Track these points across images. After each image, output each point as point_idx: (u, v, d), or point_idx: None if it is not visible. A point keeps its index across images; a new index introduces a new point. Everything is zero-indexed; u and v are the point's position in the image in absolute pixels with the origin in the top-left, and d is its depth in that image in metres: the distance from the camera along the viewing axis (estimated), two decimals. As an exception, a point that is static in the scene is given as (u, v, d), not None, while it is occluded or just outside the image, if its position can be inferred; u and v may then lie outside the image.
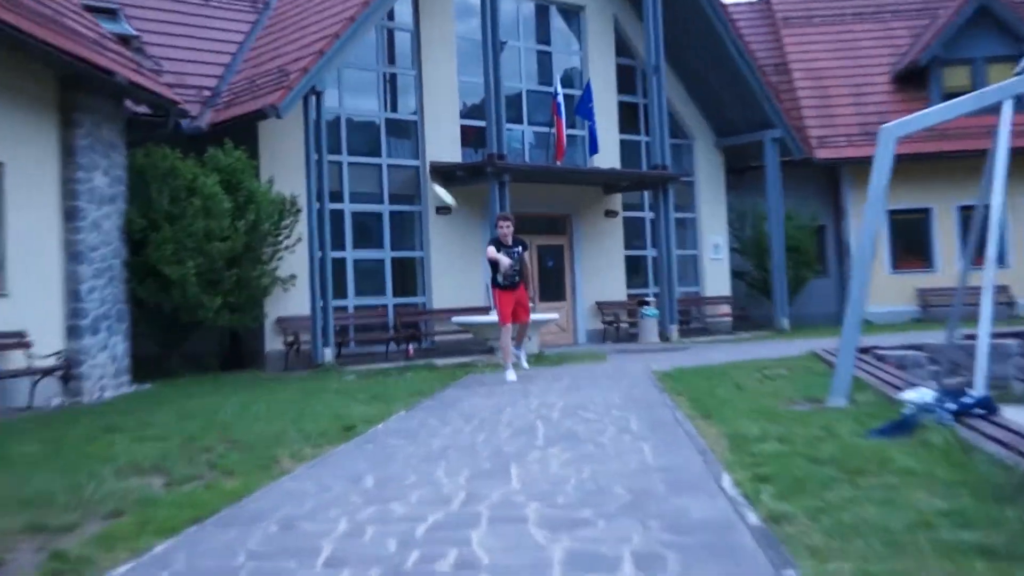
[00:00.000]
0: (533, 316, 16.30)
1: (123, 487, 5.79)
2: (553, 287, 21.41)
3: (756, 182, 24.39)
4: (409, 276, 19.14)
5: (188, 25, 19.77)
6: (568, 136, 20.60)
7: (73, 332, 12.53)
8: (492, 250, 12.26)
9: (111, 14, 18.11)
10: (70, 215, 12.65)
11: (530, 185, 20.00)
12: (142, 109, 15.21)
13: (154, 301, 14.80)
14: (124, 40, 16.91)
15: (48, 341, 12.07)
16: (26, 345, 11.52)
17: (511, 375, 12.22)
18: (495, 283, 12.52)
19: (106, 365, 13.12)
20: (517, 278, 12.47)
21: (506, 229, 12.46)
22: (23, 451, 7.36)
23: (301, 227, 16.57)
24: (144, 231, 14.32)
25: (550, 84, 20.92)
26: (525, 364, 13.02)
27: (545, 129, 20.82)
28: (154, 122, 15.09)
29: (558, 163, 20.07)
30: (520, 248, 12.52)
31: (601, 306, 21.45)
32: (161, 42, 18.87)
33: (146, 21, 19.13)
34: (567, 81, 21.63)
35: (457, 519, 4.86)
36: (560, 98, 19.93)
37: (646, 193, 22.69)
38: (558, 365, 14.98)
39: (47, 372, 11.60)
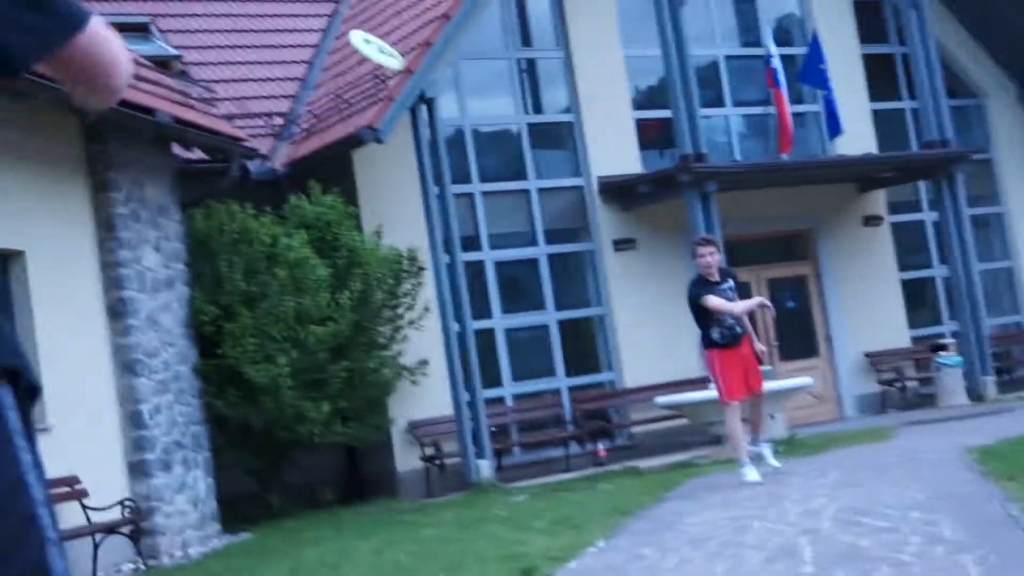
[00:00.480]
0: (771, 384, 16.21)
1: None
2: (798, 339, 21.14)
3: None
4: (586, 344, 19.31)
5: (244, 32, 20.63)
6: (794, 115, 20.48)
7: (138, 471, 13.13)
8: (711, 299, 12.07)
9: (141, 31, 19.10)
10: (116, 310, 13.33)
11: (746, 193, 19.92)
12: (195, 154, 15.94)
13: (240, 416, 15.30)
14: (162, 64, 17.80)
15: (107, 486, 12.68)
16: (79, 495, 12.14)
17: (751, 474, 12.09)
18: (709, 342, 12.48)
19: (187, 512, 13.67)
20: (739, 328, 12.42)
21: (709, 258, 12.40)
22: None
23: (427, 292, 16.94)
24: (216, 322, 14.91)
25: (758, 44, 20.89)
26: (771, 459, 12.87)
27: (759, 110, 20.76)
28: (213, 170, 15.76)
29: (784, 156, 19.96)
30: (731, 283, 12.44)
31: (873, 359, 21.09)
32: (210, 59, 19.76)
33: (187, 34, 20.09)
34: (782, 36, 21.56)
35: None
36: (776, 62, 19.86)
37: (922, 185, 22.25)
38: (820, 452, 14.78)
39: (111, 529, 12.17)
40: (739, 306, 12.27)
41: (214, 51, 20.02)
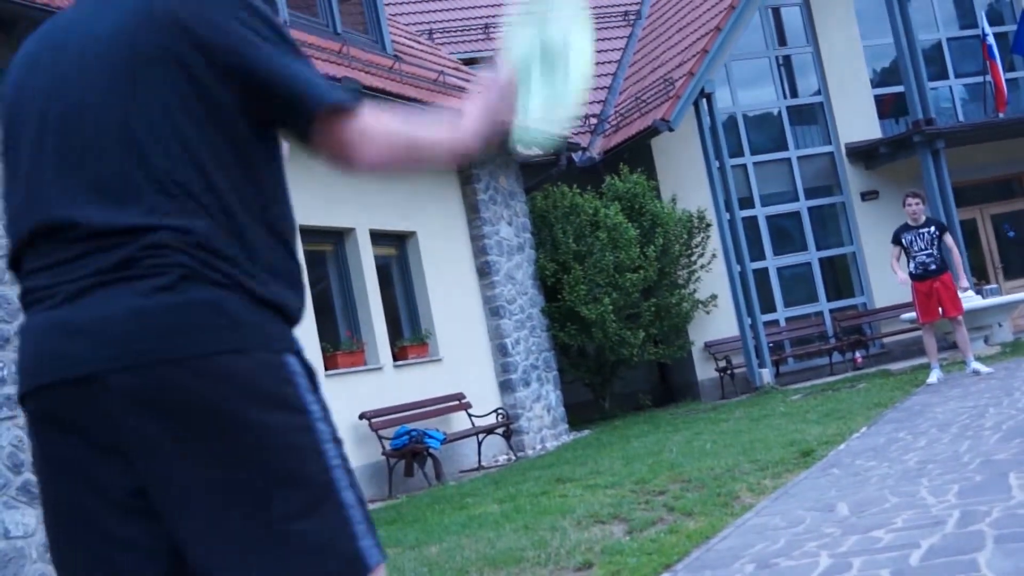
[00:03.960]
0: (997, 299, 15.28)
1: (586, 538, 6.21)
2: (1020, 261, 19.82)
3: None
4: (842, 276, 18.66)
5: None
6: (1008, 81, 19.09)
7: (506, 387, 13.60)
8: (895, 249, 12.26)
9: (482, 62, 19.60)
10: (483, 270, 13.79)
11: (969, 148, 18.75)
12: (532, 150, 16.24)
13: (577, 344, 15.62)
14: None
15: (485, 399, 13.20)
16: (466, 406, 12.67)
17: (933, 376, 12.03)
18: (909, 273, 12.31)
19: (543, 416, 14.07)
20: (933, 266, 12.16)
21: (915, 206, 12.26)
22: (484, 511, 8.11)
23: (714, 242, 16.79)
24: (556, 275, 15.22)
25: (974, 26, 19.58)
26: (975, 366, 12.28)
27: (977, 79, 19.48)
28: (547, 162, 16.06)
29: (1000, 114, 18.66)
30: (933, 229, 12.18)
31: (1085, 274, 19.54)
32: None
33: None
34: (995, 17, 20.11)
35: (956, 542, 4.68)
36: (991, 39, 18.56)
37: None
38: (1044, 352, 13.85)
39: (490, 430, 12.67)
40: (899, 275, 12.31)
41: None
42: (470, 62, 18.46)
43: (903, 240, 12.30)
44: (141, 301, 1.71)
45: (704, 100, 16.60)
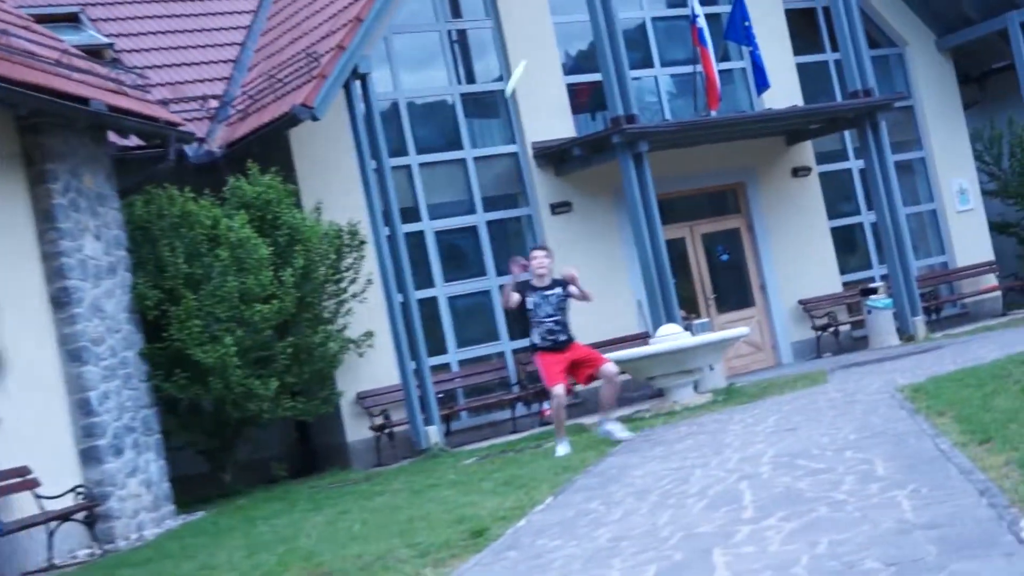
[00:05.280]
0: (709, 336, 16.32)
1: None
2: (734, 291, 21.28)
3: (1005, 90, 23.87)
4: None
5: (175, 16, 20.49)
6: (721, 73, 20.52)
7: (90, 457, 13.03)
8: (513, 296, 12.98)
9: (71, 21, 18.89)
10: (60, 300, 13.19)
11: (678, 152, 19.97)
12: (131, 141, 15.81)
13: (189, 398, 15.24)
14: (94, 53, 17.60)
15: (59, 474, 12.58)
16: (32, 484, 12.04)
17: (562, 449, 12.78)
18: (531, 348, 13.35)
19: (141, 495, 13.60)
20: (563, 336, 13.13)
21: (543, 259, 13.20)
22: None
23: (370, 265, 16.91)
24: (160, 306, 14.82)
25: (684, 5, 20.87)
26: (619, 434, 13.26)
27: (687, 69, 20.79)
28: (150, 156, 15.63)
29: (713, 112, 20.00)
30: (561, 290, 13.08)
31: (807, 306, 21.24)
32: (142, 46, 19.60)
33: (118, 22, 19.92)
34: (706, -4, 21.58)
35: (648, 637, 4.91)
36: (701, 21, 19.87)
37: (847, 135, 22.41)
38: (758, 399, 14.89)
39: (65, 516, 12.08)
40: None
41: (146, 37, 19.87)
42: (46, 19, 17.71)
43: (527, 301, 13.05)
44: None
45: (358, 82, 16.72)
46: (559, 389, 12.93)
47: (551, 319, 13.03)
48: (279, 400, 15.50)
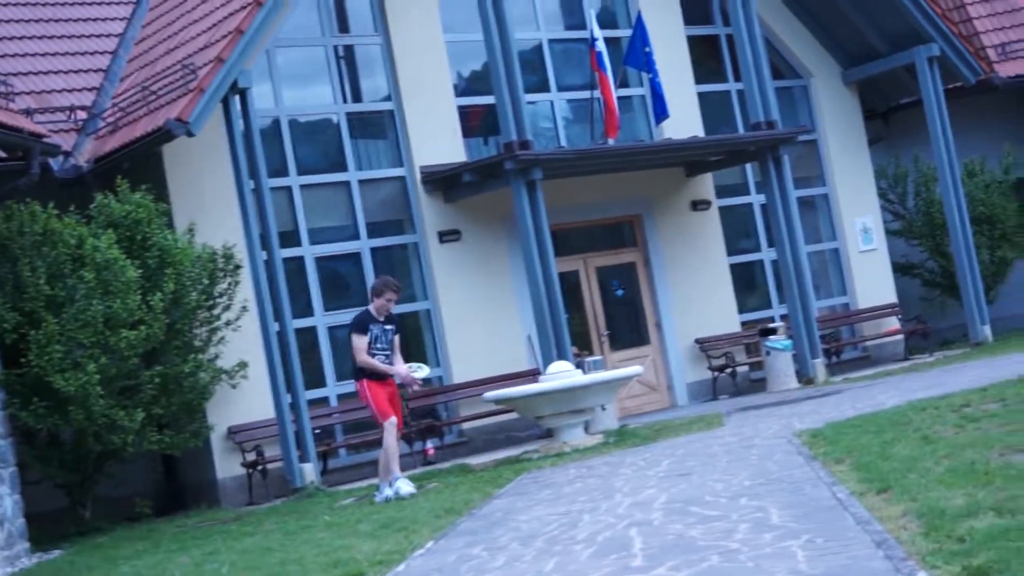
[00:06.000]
0: (601, 374, 16.47)
1: None
2: (628, 327, 21.46)
3: (911, 126, 24.39)
4: (413, 340, 19.30)
5: (43, 21, 20.18)
6: (620, 99, 20.72)
7: (-65, 491, 12.76)
8: (362, 339, 13.67)
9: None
10: (-91, 321, 12.93)
11: (574, 181, 20.14)
12: (-8, 153, 15.56)
13: (48, 429, 14.99)
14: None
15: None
16: None
17: (405, 486, 13.49)
18: (360, 372, 13.80)
19: (-10, 533, 13.33)
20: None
21: (391, 304, 13.94)
22: None
23: (245, 291, 16.79)
24: (18, 329, 14.57)
25: (582, 27, 21.10)
26: (396, 487, 13.55)
27: (585, 94, 20.99)
28: (12, 169, 15.36)
29: (611, 141, 20.19)
30: (393, 328, 13.93)
31: (704, 345, 21.47)
32: (6, 51, 19.26)
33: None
34: (607, 19, 21.82)
35: None
36: (600, 45, 20.08)
37: (749, 167, 22.75)
38: (651, 442, 15.04)
39: (-95, 555, 11.83)
40: (399, 372, 13.83)
41: (11, 42, 19.51)
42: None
43: (371, 332, 13.77)
44: None
45: (237, 97, 16.63)
46: (394, 420, 13.63)
47: (383, 352, 13.71)
48: (145, 432, 15.32)
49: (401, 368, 13.84)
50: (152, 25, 20.41)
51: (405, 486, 13.42)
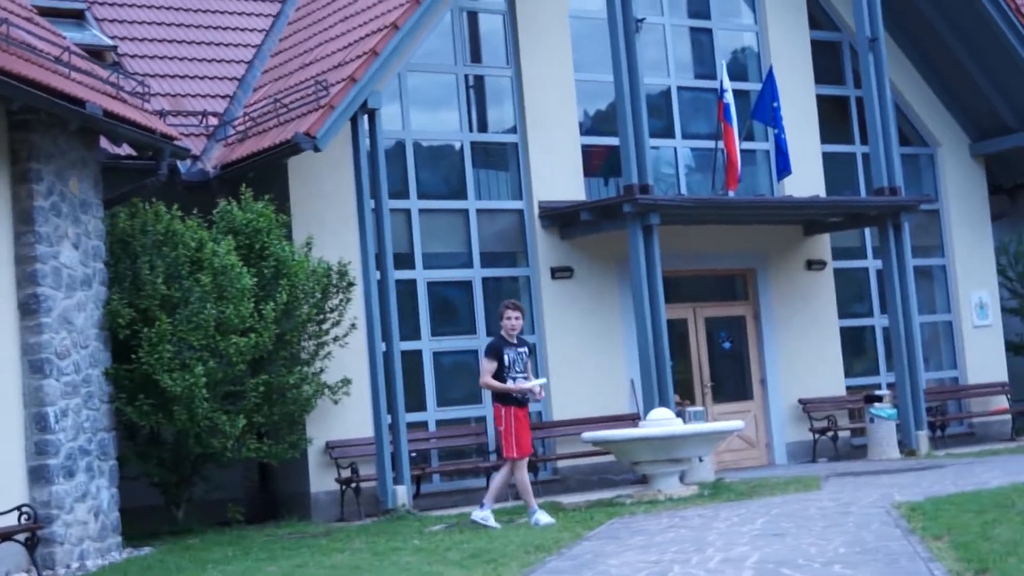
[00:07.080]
0: (702, 426, 16.40)
1: None
2: (733, 381, 21.30)
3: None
4: (516, 373, 19.30)
5: (184, 26, 20.61)
6: (744, 152, 20.66)
7: (39, 476, 12.96)
8: (490, 364, 13.89)
9: (76, 17, 19.04)
10: (28, 307, 13.18)
11: (690, 228, 20.07)
12: (123, 150, 15.86)
13: (151, 426, 15.21)
14: (96, 53, 17.74)
15: (5, 490, 12.53)
16: (-27, 499, 12.00)
17: (544, 517, 13.68)
18: (504, 398, 13.90)
19: (87, 522, 13.52)
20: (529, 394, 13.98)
21: (516, 320, 14.05)
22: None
23: (356, 308, 16.93)
24: (132, 325, 14.81)
25: (713, 77, 21.08)
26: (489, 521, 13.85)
27: (709, 144, 20.94)
28: (141, 167, 15.67)
29: (731, 193, 20.13)
30: (526, 351, 14.09)
31: (807, 406, 21.24)
32: (147, 52, 19.71)
33: (124, 24, 20.04)
34: (737, 70, 21.76)
35: None
36: (729, 96, 20.05)
37: (868, 232, 22.51)
38: (747, 498, 14.88)
39: (6, 536, 12.01)
40: (530, 386, 13.91)
41: (152, 44, 19.97)
42: (49, 12, 17.85)
43: (505, 357, 13.88)
44: None
45: (365, 117, 16.85)
46: (525, 462, 14.08)
47: (522, 375, 13.90)
48: (244, 439, 15.49)
49: (524, 384, 13.85)
50: (289, 39, 20.74)
51: (543, 517, 13.67)
